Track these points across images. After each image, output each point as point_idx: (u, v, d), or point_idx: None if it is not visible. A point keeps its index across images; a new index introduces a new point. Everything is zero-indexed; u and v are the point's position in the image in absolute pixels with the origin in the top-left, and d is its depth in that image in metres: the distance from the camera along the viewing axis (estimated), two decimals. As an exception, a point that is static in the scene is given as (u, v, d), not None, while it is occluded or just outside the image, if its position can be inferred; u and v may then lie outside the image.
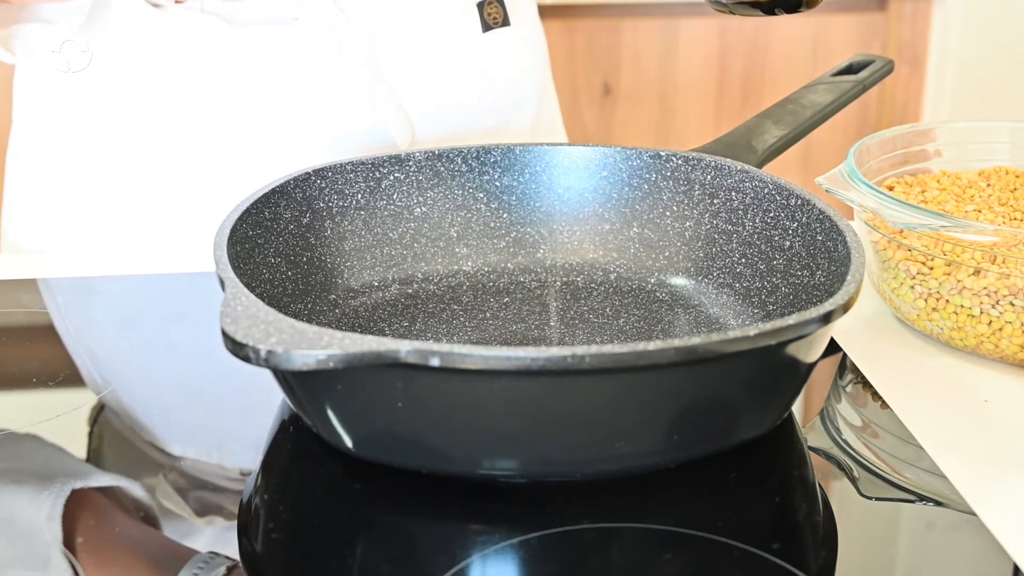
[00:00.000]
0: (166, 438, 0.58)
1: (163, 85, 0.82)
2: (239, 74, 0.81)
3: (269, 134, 0.83)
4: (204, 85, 0.82)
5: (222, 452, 0.57)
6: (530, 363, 0.45)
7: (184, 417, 0.60)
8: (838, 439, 0.57)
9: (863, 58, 0.82)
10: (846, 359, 0.64)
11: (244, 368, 0.47)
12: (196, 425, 0.60)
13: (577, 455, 0.50)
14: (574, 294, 0.68)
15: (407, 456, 0.51)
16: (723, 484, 0.53)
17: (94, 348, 0.68)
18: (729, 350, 0.46)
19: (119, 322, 0.71)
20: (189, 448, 0.57)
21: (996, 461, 0.55)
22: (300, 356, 0.45)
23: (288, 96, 0.82)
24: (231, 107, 0.82)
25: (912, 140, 0.74)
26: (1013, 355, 0.62)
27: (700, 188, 0.68)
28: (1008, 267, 0.60)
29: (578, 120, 1.78)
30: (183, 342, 0.68)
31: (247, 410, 0.61)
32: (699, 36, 1.76)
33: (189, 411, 0.61)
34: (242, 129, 0.82)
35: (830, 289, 0.56)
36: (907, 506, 0.53)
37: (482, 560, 0.48)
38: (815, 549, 0.49)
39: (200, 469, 0.55)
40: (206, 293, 0.64)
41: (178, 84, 0.82)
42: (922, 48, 1.78)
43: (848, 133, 1.76)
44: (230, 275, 0.52)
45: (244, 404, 0.61)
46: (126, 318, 0.71)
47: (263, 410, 0.59)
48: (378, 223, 0.69)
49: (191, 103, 0.82)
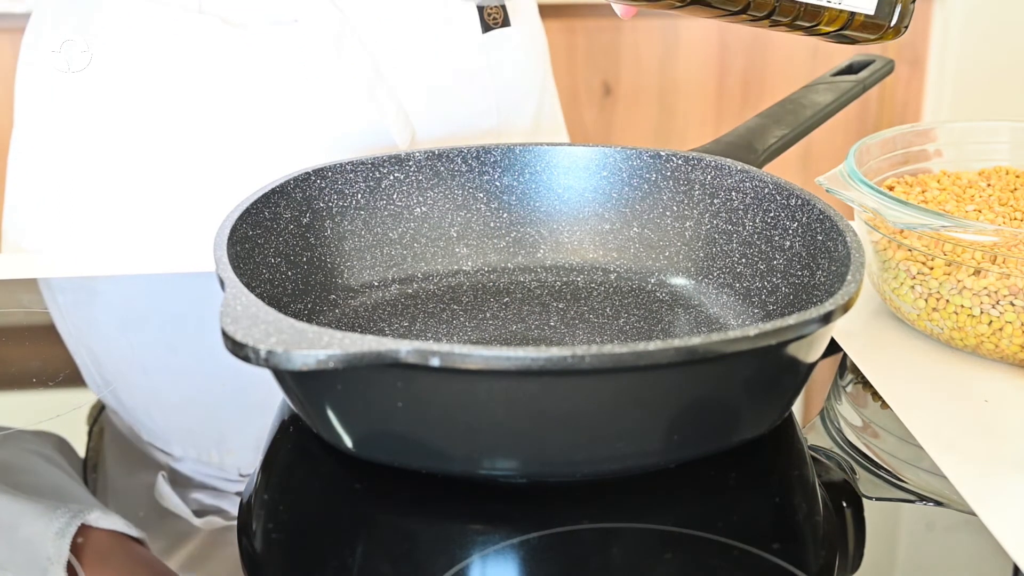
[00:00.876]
0: (166, 438, 0.58)
1: (163, 85, 0.82)
2: (238, 74, 0.81)
3: (269, 134, 0.83)
4: (203, 85, 0.82)
5: (222, 452, 0.57)
6: (530, 363, 0.45)
7: (184, 417, 0.60)
8: (838, 439, 0.57)
9: (863, 58, 0.82)
10: (846, 359, 0.64)
11: (244, 368, 0.47)
12: (196, 425, 0.60)
13: (577, 455, 0.50)
14: (574, 294, 0.68)
15: (407, 456, 0.51)
16: (723, 484, 0.53)
17: (94, 348, 0.68)
18: (729, 350, 0.46)
19: (120, 322, 0.71)
20: (189, 448, 0.57)
21: (996, 461, 0.55)
22: (300, 356, 0.45)
23: (288, 96, 0.82)
24: (231, 107, 0.82)
25: (912, 140, 0.74)
26: (1013, 355, 0.62)
27: (700, 188, 0.68)
28: (1008, 267, 0.60)
29: (578, 120, 1.78)
30: (183, 342, 0.68)
31: (247, 410, 0.61)
32: (699, 36, 1.76)
33: (189, 411, 0.61)
34: (242, 129, 0.82)
35: (830, 289, 0.56)
36: (907, 506, 0.53)
37: (482, 560, 0.48)
38: (815, 549, 0.49)
39: (200, 469, 0.55)
40: (206, 293, 0.64)
41: (178, 84, 0.82)
42: (922, 48, 1.78)
43: (848, 133, 1.76)
44: (230, 275, 0.52)
45: (244, 404, 0.61)
46: (126, 318, 0.71)
47: (263, 410, 0.59)
48: (378, 223, 0.69)
49: (191, 103, 0.82)
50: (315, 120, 0.83)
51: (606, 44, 1.75)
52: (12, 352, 0.67)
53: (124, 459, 0.57)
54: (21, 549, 0.48)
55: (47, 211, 0.87)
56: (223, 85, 0.81)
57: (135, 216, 0.85)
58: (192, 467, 0.55)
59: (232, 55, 0.81)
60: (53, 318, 0.71)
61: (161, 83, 0.82)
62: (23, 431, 0.57)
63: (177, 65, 0.81)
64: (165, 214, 0.84)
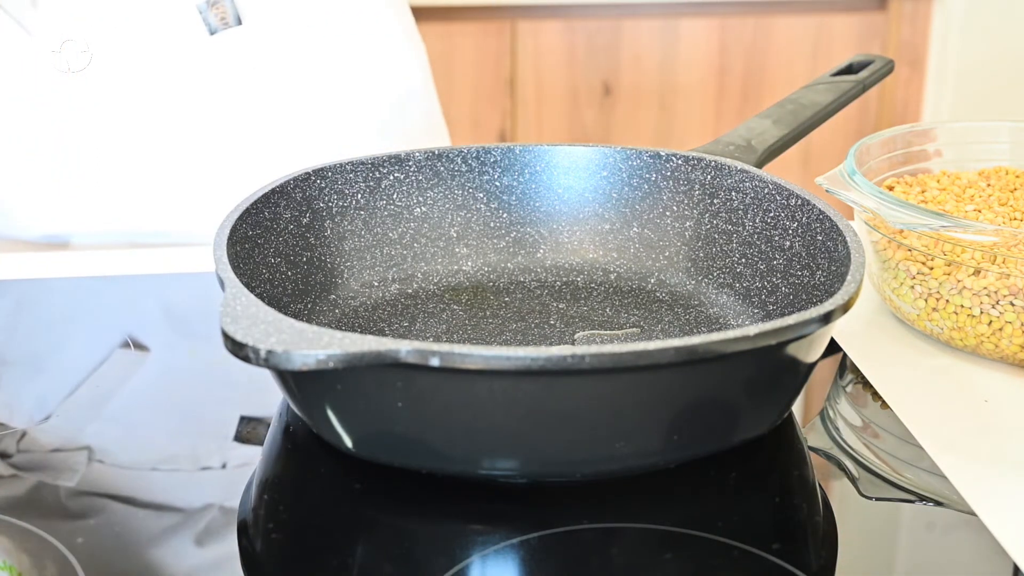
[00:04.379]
0: (166, 438, 0.58)
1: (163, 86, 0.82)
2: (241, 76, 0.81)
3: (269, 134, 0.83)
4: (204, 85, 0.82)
5: (222, 452, 0.57)
6: (530, 363, 0.45)
7: (183, 417, 0.60)
8: (838, 439, 0.57)
9: (863, 58, 0.82)
10: (846, 359, 0.64)
11: (244, 368, 0.47)
12: (196, 425, 0.60)
13: (577, 455, 0.50)
14: (574, 294, 0.68)
15: (407, 456, 0.51)
16: (723, 484, 0.53)
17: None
18: (729, 350, 0.46)
19: (120, 322, 0.70)
20: (188, 448, 0.57)
21: (996, 461, 0.55)
22: (300, 356, 0.45)
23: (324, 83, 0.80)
24: (233, 107, 0.82)
25: (912, 140, 0.74)
26: (1013, 355, 0.62)
27: (700, 188, 0.68)
28: (1008, 267, 0.60)
29: (578, 120, 1.78)
30: (183, 342, 0.68)
31: (247, 410, 0.61)
32: (699, 36, 1.76)
33: (188, 411, 0.61)
34: (241, 130, 0.82)
35: (830, 289, 0.56)
36: (907, 506, 0.53)
37: (482, 560, 0.48)
38: (815, 549, 0.49)
39: (199, 469, 0.55)
40: (206, 293, 0.64)
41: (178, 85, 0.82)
42: (922, 48, 1.78)
43: (848, 133, 1.76)
44: (230, 275, 0.52)
45: (244, 404, 0.61)
46: (127, 318, 0.71)
47: (263, 410, 0.59)
48: (378, 223, 0.69)
49: (191, 103, 0.82)
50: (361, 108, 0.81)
51: (606, 44, 1.75)
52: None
53: (121, 458, 0.57)
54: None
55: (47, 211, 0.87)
56: (225, 85, 0.81)
57: (135, 216, 0.85)
58: (191, 467, 0.55)
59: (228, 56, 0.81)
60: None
61: (161, 83, 0.82)
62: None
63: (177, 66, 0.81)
64: (165, 214, 0.84)
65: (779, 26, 1.76)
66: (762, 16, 1.76)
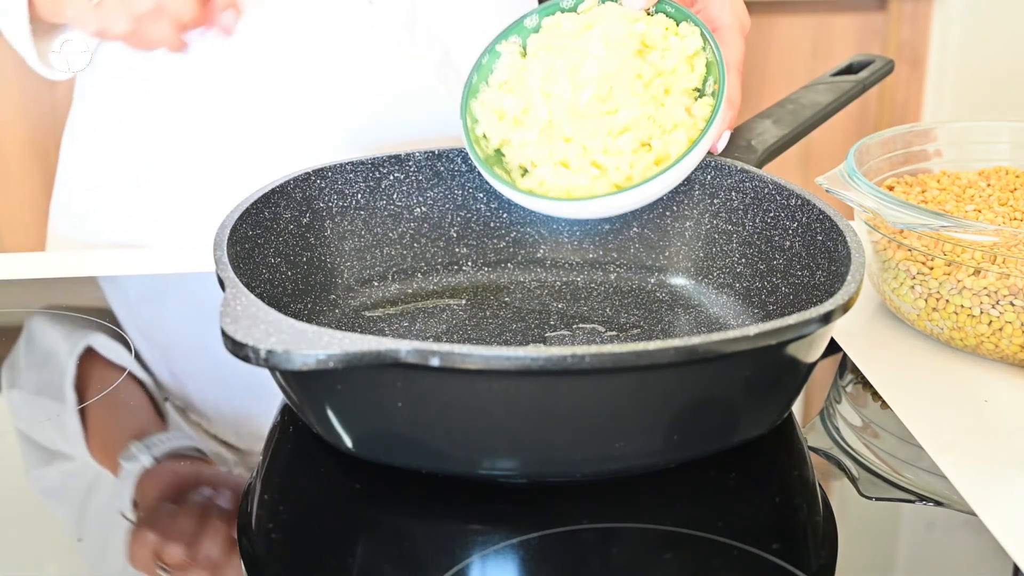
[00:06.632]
0: (165, 438, 0.58)
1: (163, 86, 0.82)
2: (309, 57, 0.81)
3: (269, 134, 0.83)
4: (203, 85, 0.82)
5: (222, 452, 0.57)
6: (530, 363, 0.45)
7: (183, 417, 0.60)
8: (838, 439, 0.57)
9: (863, 58, 0.82)
10: (846, 359, 0.64)
11: (244, 368, 0.47)
12: (195, 425, 0.60)
13: (577, 455, 0.50)
14: (574, 294, 0.68)
15: (407, 456, 0.51)
16: (723, 484, 0.53)
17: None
18: (729, 350, 0.46)
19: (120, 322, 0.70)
20: (188, 448, 0.57)
21: (996, 461, 0.55)
22: (300, 356, 0.45)
23: (353, 79, 0.81)
24: (293, 89, 0.82)
25: (912, 140, 0.74)
26: (1013, 355, 0.62)
27: (700, 188, 0.68)
28: (1008, 267, 0.60)
29: (578, 120, 1.77)
30: (183, 342, 0.68)
31: (247, 409, 0.61)
32: (699, 36, 1.75)
33: (188, 411, 0.61)
34: (240, 130, 0.82)
35: (830, 289, 0.56)
36: (907, 506, 0.53)
37: (482, 560, 0.48)
38: (815, 549, 0.49)
39: (199, 470, 0.55)
40: (206, 293, 0.64)
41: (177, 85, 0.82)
42: (922, 48, 1.78)
43: (848, 133, 1.75)
44: (230, 275, 0.52)
45: (244, 404, 0.61)
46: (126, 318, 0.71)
47: (263, 410, 0.59)
48: (378, 223, 0.69)
49: (190, 104, 0.82)
50: (383, 103, 0.82)
51: (606, 44, 1.74)
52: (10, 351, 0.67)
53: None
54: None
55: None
56: (291, 67, 0.81)
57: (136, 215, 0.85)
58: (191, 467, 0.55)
59: (304, 37, 0.81)
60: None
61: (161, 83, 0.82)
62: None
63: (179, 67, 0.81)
64: (165, 214, 0.84)
65: (779, 26, 1.76)
66: (762, 16, 1.76)
